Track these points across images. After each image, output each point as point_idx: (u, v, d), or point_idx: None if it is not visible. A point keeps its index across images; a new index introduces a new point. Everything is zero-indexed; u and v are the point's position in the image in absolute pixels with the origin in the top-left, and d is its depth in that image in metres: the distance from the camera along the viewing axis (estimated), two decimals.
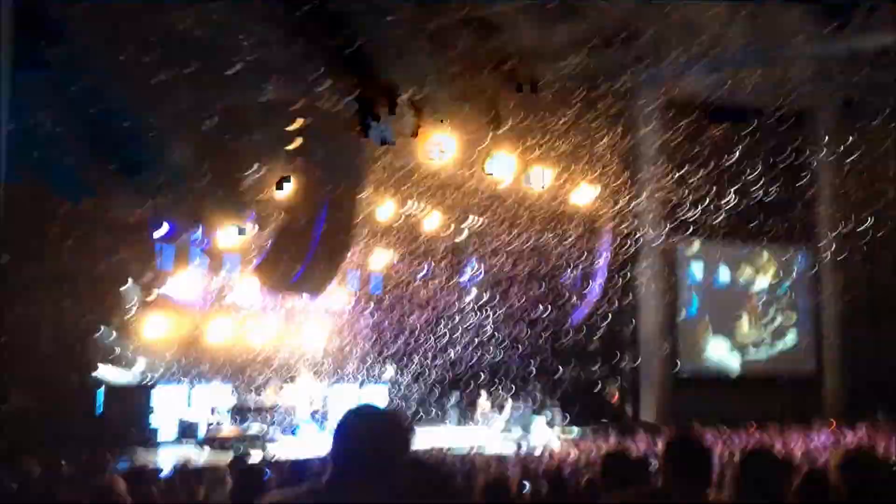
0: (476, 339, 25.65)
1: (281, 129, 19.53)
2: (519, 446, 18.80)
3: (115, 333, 19.20)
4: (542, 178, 22.03)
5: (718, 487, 4.73)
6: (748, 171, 26.67)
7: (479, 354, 25.62)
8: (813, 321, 28.27)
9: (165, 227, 19.31)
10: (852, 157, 28.44)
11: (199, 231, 20.45)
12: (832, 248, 27.46)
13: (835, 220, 27.48)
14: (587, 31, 22.31)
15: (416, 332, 24.89)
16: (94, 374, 18.53)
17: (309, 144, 18.55)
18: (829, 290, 27.61)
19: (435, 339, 25.18)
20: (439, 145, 19.21)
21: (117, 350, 19.21)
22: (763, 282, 28.38)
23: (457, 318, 25.52)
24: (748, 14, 23.41)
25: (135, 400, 18.88)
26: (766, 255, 28.24)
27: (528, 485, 9.33)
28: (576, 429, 23.67)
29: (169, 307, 19.97)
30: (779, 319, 28.48)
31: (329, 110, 18.37)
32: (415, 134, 18.86)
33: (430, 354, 25.01)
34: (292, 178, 18.79)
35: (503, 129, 21.27)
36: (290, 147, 18.87)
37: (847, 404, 26.46)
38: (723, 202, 26.16)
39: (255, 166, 20.92)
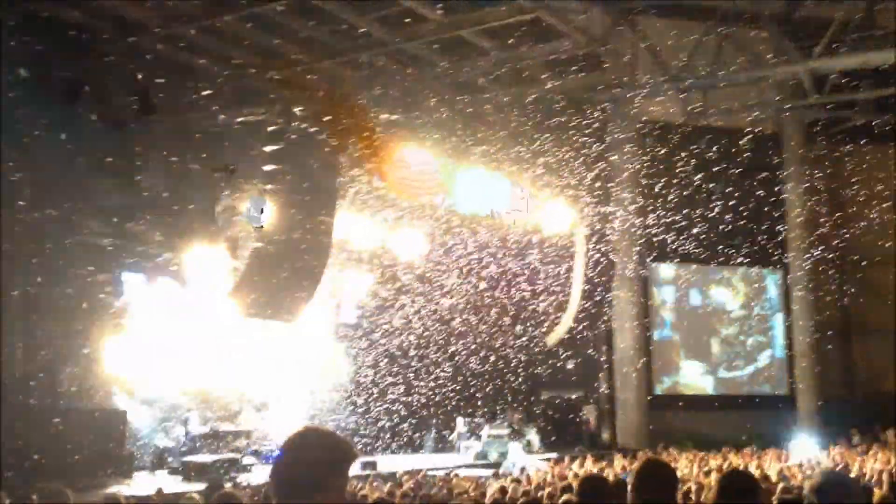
0: (451, 365, 25.57)
1: (255, 152, 19.49)
2: (496, 471, 18.70)
3: (85, 360, 18.94)
4: (516, 201, 22.11)
5: None
6: (719, 194, 26.93)
7: (454, 380, 25.53)
8: (785, 342, 28.47)
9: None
10: (821, 179, 28.87)
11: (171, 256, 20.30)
12: (802, 270, 27.73)
13: (805, 241, 27.76)
14: (561, 53, 22.49)
15: (392, 359, 24.76)
16: (65, 400, 18.26)
17: (284, 168, 18.49)
18: (800, 312, 27.81)
19: (410, 366, 25.06)
20: (412, 168, 19.21)
21: (88, 377, 18.95)
22: (735, 304, 28.58)
23: (432, 344, 25.42)
24: (718, 37, 23.76)
25: (108, 427, 18.56)
26: (737, 277, 28.46)
27: None
28: (553, 453, 23.60)
29: (142, 332, 19.73)
30: (750, 341, 28.67)
31: (303, 133, 18.38)
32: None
33: (405, 381, 24.89)
34: (267, 202, 18.69)
35: (478, 153, 21.37)
36: (265, 169, 18.81)
37: (820, 425, 26.63)
38: (695, 225, 26.36)
39: (229, 191, 20.87)
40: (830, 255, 28.48)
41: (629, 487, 4.20)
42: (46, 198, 17.41)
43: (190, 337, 20.23)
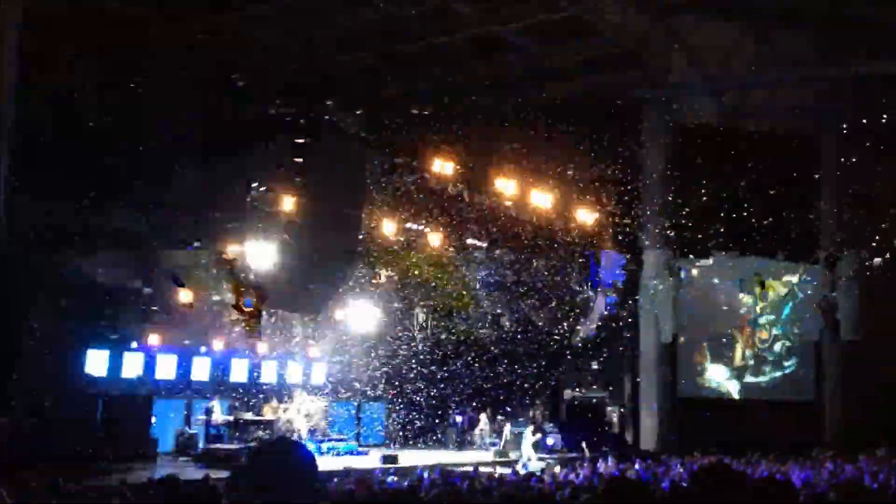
0: (476, 362, 25.49)
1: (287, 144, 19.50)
2: (516, 469, 18.61)
3: (114, 346, 19.09)
4: (545, 197, 22.00)
5: None
6: (753, 196, 26.61)
7: (479, 377, 25.46)
8: (813, 349, 28.13)
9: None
10: (858, 183, 28.45)
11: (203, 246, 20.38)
12: (835, 276, 27.37)
13: (838, 247, 27.38)
14: (593, 52, 22.37)
15: (416, 353, 24.73)
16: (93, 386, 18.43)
17: (313, 161, 18.52)
18: (830, 318, 27.46)
19: (433, 362, 25.02)
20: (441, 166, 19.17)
21: (116, 363, 19.09)
22: (764, 308, 28.26)
23: (456, 340, 25.35)
24: (755, 38, 23.49)
25: (134, 413, 18.73)
26: (767, 281, 28.12)
27: None
28: (575, 453, 23.46)
29: (172, 320, 19.86)
30: (778, 346, 28.35)
31: (334, 127, 18.38)
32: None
33: (429, 375, 24.86)
34: (296, 196, 18.73)
35: (508, 149, 21.29)
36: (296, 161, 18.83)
37: (846, 434, 26.29)
38: (727, 227, 26.08)
39: (258, 183, 20.89)
40: (865, 260, 28.07)
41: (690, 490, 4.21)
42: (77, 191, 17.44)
43: (218, 327, 20.36)
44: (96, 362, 18.64)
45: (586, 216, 23.31)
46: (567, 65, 23.34)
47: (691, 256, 26.98)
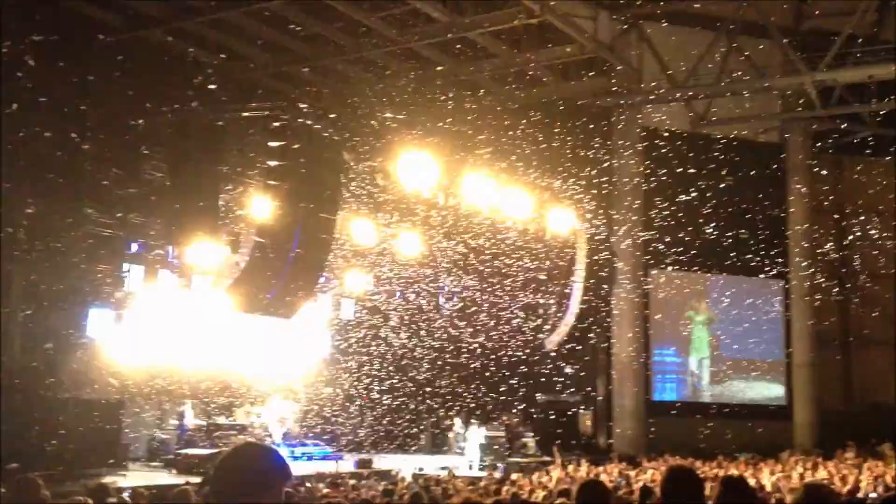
0: (449, 366, 25.56)
1: (259, 147, 19.48)
2: (491, 473, 18.67)
3: (84, 352, 18.94)
4: (518, 204, 22.09)
5: None
6: (721, 202, 26.92)
7: (453, 381, 25.52)
8: (784, 353, 28.42)
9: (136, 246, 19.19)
10: (824, 191, 28.88)
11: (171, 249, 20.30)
12: (803, 281, 27.71)
13: (806, 252, 27.73)
14: (567, 57, 22.53)
15: (389, 358, 24.74)
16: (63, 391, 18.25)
17: (287, 164, 18.50)
18: (800, 323, 27.78)
19: (408, 365, 25.05)
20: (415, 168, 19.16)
21: (87, 368, 18.94)
22: (734, 313, 28.48)
23: (429, 344, 25.41)
24: (724, 46, 23.81)
25: (105, 418, 18.54)
26: (737, 287, 28.36)
27: None
28: (548, 457, 23.56)
29: (140, 326, 19.71)
30: (749, 350, 28.58)
31: (307, 130, 18.37)
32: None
33: (403, 380, 24.88)
34: (268, 197, 18.70)
35: (480, 153, 21.36)
36: (269, 165, 18.81)
37: (817, 436, 26.61)
38: (697, 233, 26.36)
39: (231, 185, 20.86)
40: (831, 267, 28.48)
41: (660, 493, 4.27)
42: (49, 189, 17.37)
43: (188, 330, 20.23)
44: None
45: (559, 221, 23.40)
46: (538, 70, 23.52)
47: (662, 264, 27.22)
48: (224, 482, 2.85)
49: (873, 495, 12.06)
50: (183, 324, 20.05)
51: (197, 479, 15.13)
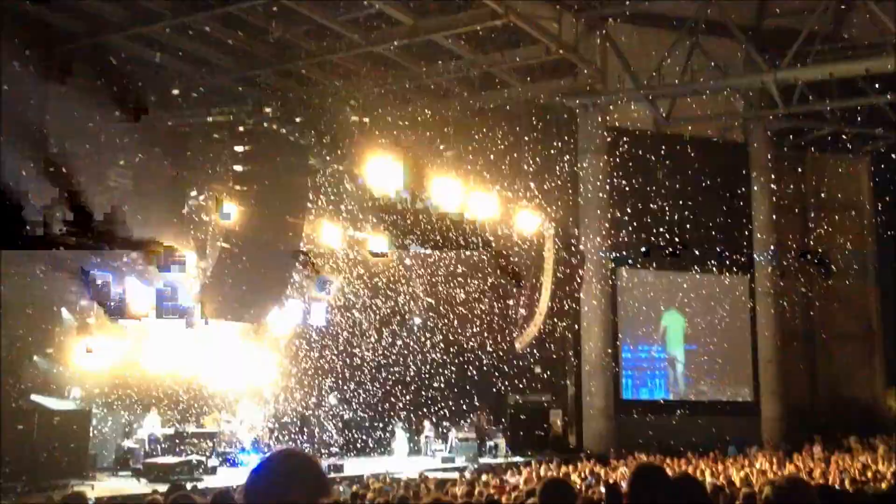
0: (419, 368, 25.56)
1: (225, 152, 19.38)
2: (462, 474, 18.70)
3: (49, 360, 18.73)
4: (485, 205, 22.14)
5: None
6: (687, 200, 27.20)
7: (423, 383, 25.52)
8: (750, 349, 28.68)
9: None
10: (787, 187, 29.24)
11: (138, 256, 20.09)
12: (768, 277, 28.01)
13: (771, 248, 28.03)
14: (532, 59, 22.62)
15: (358, 362, 24.67)
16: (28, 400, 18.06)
17: (253, 168, 18.43)
18: (765, 318, 28.06)
19: (378, 369, 25.01)
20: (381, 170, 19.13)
21: (52, 377, 18.74)
22: (701, 309, 28.73)
23: (400, 347, 25.39)
24: (688, 46, 24.05)
25: (71, 427, 18.32)
26: (703, 283, 28.61)
27: None
28: (519, 457, 23.65)
29: (105, 333, 19.50)
30: (716, 347, 28.83)
31: (273, 134, 18.32)
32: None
33: (373, 383, 24.83)
34: (235, 202, 18.60)
35: (447, 155, 21.40)
36: (235, 170, 18.73)
37: (784, 431, 26.89)
38: (663, 231, 26.60)
39: (196, 191, 20.73)
40: (796, 263, 28.83)
41: (626, 491, 4.30)
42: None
43: (156, 337, 20.06)
44: None
45: (527, 222, 23.45)
46: (503, 72, 23.61)
47: (629, 262, 27.44)
48: (265, 492, 2.73)
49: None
50: (150, 331, 19.88)
51: (164, 488, 15.04)
